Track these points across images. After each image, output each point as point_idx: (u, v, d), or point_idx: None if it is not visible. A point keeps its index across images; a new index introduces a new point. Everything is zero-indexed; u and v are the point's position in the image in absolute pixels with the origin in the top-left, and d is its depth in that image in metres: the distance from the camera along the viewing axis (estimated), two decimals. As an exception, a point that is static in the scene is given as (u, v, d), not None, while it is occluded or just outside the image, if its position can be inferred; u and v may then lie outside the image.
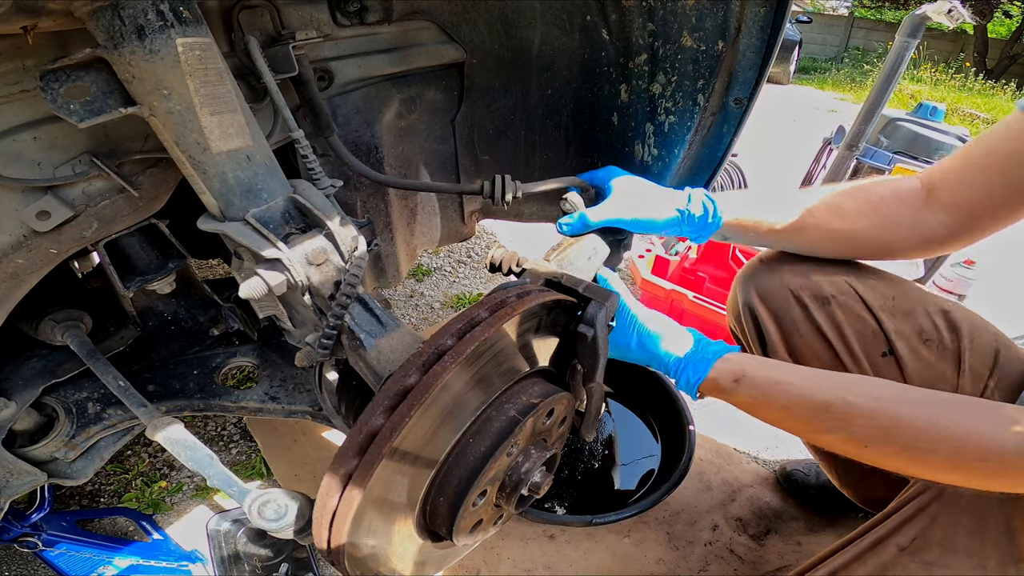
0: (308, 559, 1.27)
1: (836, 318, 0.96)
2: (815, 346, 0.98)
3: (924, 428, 0.67)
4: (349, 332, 0.70)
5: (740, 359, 0.80)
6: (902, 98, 7.94)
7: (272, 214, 0.70)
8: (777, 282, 1.01)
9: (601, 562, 1.30)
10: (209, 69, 0.62)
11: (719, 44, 1.00)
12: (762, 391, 0.76)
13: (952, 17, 1.76)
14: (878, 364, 0.94)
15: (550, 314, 0.69)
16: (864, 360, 0.94)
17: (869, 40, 12.66)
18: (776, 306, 1.01)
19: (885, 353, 0.94)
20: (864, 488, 1.13)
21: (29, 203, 0.64)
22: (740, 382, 0.77)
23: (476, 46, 1.22)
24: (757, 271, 1.06)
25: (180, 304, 1.19)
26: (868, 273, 0.99)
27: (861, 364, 0.94)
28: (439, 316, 2.23)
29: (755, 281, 1.05)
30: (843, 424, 0.72)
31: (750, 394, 0.77)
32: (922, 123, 2.50)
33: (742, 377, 0.77)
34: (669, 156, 1.19)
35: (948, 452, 0.65)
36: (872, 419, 0.70)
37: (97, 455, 1.01)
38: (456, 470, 0.62)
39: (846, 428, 0.72)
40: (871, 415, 0.70)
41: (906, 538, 0.83)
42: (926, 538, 0.81)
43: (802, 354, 1.00)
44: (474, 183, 0.96)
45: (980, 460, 0.64)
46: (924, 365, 0.91)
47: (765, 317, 1.03)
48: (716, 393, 0.80)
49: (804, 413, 0.74)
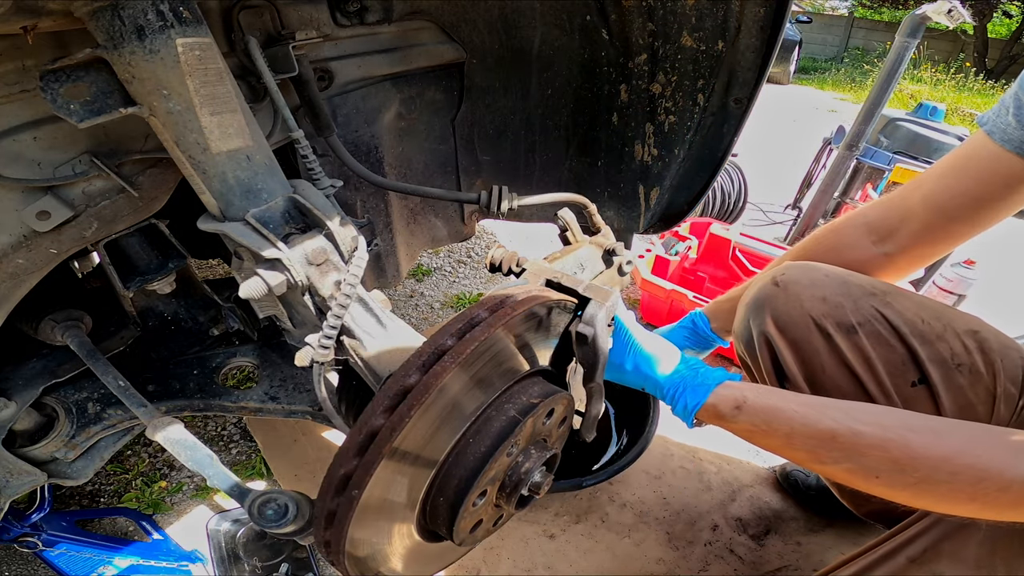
0: (308, 559, 1.27)
1: (863, 347, 0.90)
2: (839, 379, 0.92)
3: (943, 458, 0.64)
4: (349, 332, 0.70)
5: (741, 386, 0.77)
6: (902, 98, 7.94)
7: (272, 214, 0.70)
8: (797, 309, 0.94)
9: (601, 562, 1.30)
10: (209, 69, 0.62)
11: (719, 44, 1.00)
12: (764, 419, 0.73)
13: (952, 17, 1.76)
14: (908, 395, 0.89)
15: (550, 314, 0.69)
16: (893, 392, 0.89)
17: (869, 40, 12.65)
18: (796, 336, 0.94)
19: (915, 383, 0.89)
20: (865, 501, 1.12)
21: (29, 203, 0.65)
22: (741, 409, 0.74)
23: (476, 46, 1.22)
24: (772, 296, 0.97)
25: (180, 304, 1.19)
26: (893, 293, 0.93)
27: (891, 396, 0.89)
28: (439, 316, 2.23)
29: (771, 307, 0.97)
30: (851, 455, 0.68)
31: (752, 422, 0.73)
32: (922, 123, 2.50)
33: (743, 404, 0.74)
34: (669, 156, 1.19)
35: (966, 483, 0.62)
36: (884, 450, 0.66)
37: (97, 455, 1.01)
38: (456, 470, 0.62)
39: (855, 459, 0.68)
40: (883, 445, 0.66)
41: (916, 550, 0.81)
42: (936, 550, 0.80)
43: (824, 387, 0.94)
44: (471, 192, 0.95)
45: (1000, 490, 0.61)
46: (957, 392, 0.87)
47: (783, 347, 0.96)
48: (715, 420, 0.77)
49: (808, 443, 0.71)
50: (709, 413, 0.76)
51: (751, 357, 1.04)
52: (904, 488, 0.67)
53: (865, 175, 2.51)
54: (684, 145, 1.16)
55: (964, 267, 2.27)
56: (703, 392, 0.76)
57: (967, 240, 0.91)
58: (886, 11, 13.68)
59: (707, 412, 0.76)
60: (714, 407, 0.75)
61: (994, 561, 0.76)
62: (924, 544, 0.81)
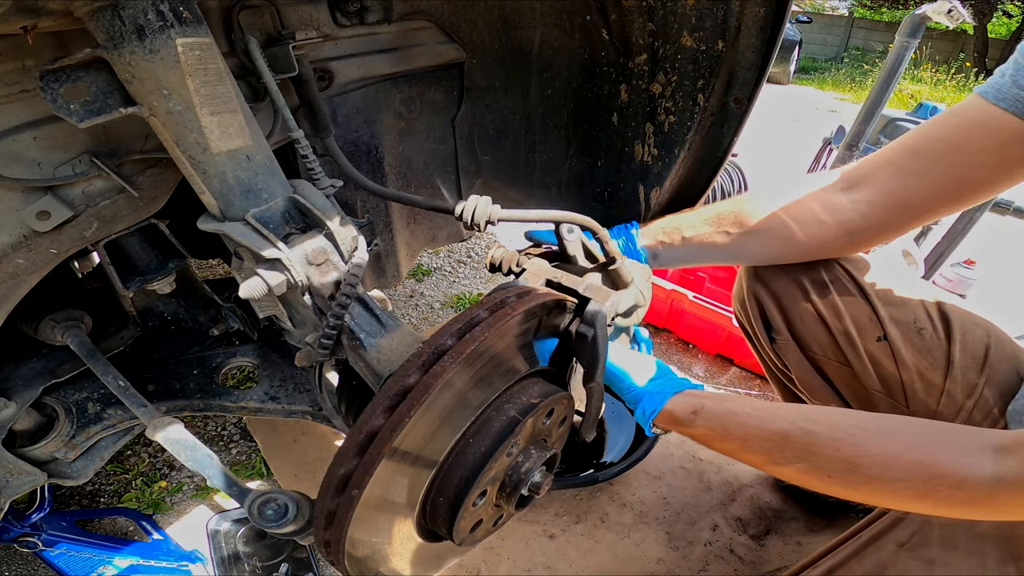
0: (308, 559, 1.27)
1: (835, 303, 0.98)
2: (816, 330, 1.01)
3: (893, 456, 0.65)
4: (349, 332, 0.70)
5: (700, 394, 0.80)
6: (902, 98, 7.94)
7: (272, 214, 0.70)
8: (780, 269, 1.05)
9: (601, 562, 1.30)
10: (209, 69, 0.62)
11: (719, 44, 1.00)
12: (720, 423, 0.75)
13: (952, 17, 1.76)
14: (873, 349, 0.95)
15: (550, 314, 0.69)
16: (860, 344, 0.96)
17: (869, 40, 12.66)
18: (779, 292, 1.04)
19: (880, 338, 0.95)
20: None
21: (29, 203, 0.64)
22: (698, 414, 0.76)
23: (476, 46, 1.22)
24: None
25: (180, 304, 1.19)
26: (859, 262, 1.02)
27: (857, 348, 0.96)
28: (439, 316, 2.23)
29: (759, 269, 1.08)
30: (803, 454, 0.70)
31: (708, 426, 0.76)
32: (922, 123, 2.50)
33: (700, 410, 0.77)
34: (669, 156, 1.19)
35: (919, 480, 0.63)
36: (835, 449, 0.68)
37: (97, 455, 1.01)
38: (456, 470, 0.62)
39: (807, 459, 0.70)
40: (833, 444, 0.68)
41: (904, 534, 0.82)
42: (925, 534, 0.81)
43: (804, 339, 1.03)
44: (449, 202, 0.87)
45: (953, 488, 0.61)
46: (916, 352, 0.93)
47: (769, 303, 1.06)
48: (673, 425, 0.79)
49: (762, 444, 0.73)
50: (666, 419, 0.79)
51: (745, 315, 1.15)
52: (857, 487, 0.68)
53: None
54: (684, 145, 1.16)
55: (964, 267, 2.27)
56: (660, 400, 0.79)
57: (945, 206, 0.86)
58: (886, 11, 13.68)
59: (664, 418, 0.79)
60: (671, 413, 0.78)
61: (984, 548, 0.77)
62: (911, 528, 0.82)
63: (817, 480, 0.70)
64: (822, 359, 1.02)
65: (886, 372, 0.94)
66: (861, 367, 0.96)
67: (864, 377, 0.96)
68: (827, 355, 1.01)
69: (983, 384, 0.88)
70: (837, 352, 0.99)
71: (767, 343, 1.12)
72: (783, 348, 1.07)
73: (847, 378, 1.00)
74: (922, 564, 0.79)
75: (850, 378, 0.99)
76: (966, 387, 0.88)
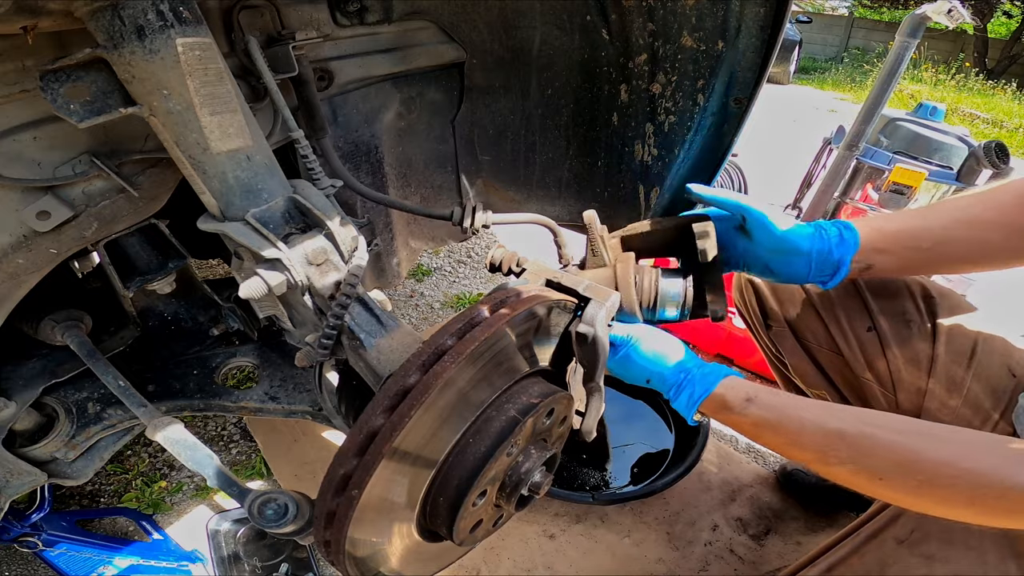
0: (308, 559, 1.27)
1: (828, 294, 1.01)
2: (810, 320, 1.05)
3: (945, 463, 0.64)
4: (349, 332, 0.70)
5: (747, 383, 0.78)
6: (902, 98, 7.94)
7: (272, 214, 0.70)
8: None
9: (601, 562, 1.30)
10: (209, 69, 0.62)
11: (719, 44, 1.00)
12: (776, 414, 0.73)
13: (952, 17, 1.76)
14: (863, 338, 0.99)
15: (550, 314, 0.69)
16: (851, 333, 1.00)
17: (869, 40, 12.64)
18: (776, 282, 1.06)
19: (870, 328, 0.98)
20: None
21: (29, 203, 0.64)
22: (752, 401, 0.74)
23: (476, 46, 1.22)
24: None
25: (180, 304, 1.19)
26: None
27: (847, 336, 1.00)
28: (439, 316, 2.23)
29: None
30: (857, 455, 0.69)
31: (763, 416, 0.74)
32: (922, 123, 2.50)
33: (755, 397, 0.74)
34: (669, 156, 1.19)
35: (966, 487, 0.63)
36: (891, 451, 0.67)
37: (97, 455, 1.01)
38: (456, 470, 0.62)
39: (859, 460, 0.69)
40: (890, 447, 0.67)
41: (903, 531, 0.82)
42: (924, 531, 0.80)
43: (798, 326, 1.07)
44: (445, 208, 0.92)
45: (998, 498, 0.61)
46: (904, 344, 0.95)
47: (766, 292, 1.11)
48: (720, 413, 0.77)
49: (817, 441, 0.71)
50: (715, 404, 0.76)
51: (742, 300, 1.20)
52: (907, 491, 0.67)
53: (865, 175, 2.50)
54: (684, 145, 1.16)
55: (964, 267, 2.26)
56: (711, 382, 0.77)
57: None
58: (886, 11, 13.67)
59: (713, 403, 0.76)
60: (722, 397, 0.76)
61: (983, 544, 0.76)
62: (910, 524, 0.82)
63: (867, 481, 0.69)
64: (815, 347, 1.06)
65: (875, 361, 0.97)
66: (852, 356, 1.00)
67: (855, 365, 1.00)
68: (820, 343, 1.05)
69: (970, 379, 0.88)
70: (829, 341, 1.03)
71: (764, 331, 1.15)
72: (778, 336, 1.12)
73: (839, 366, 1.04)
74: (922, 560, 0.79)
75: (841, 366, 1.03)
76: (949, 381, 0.90)
